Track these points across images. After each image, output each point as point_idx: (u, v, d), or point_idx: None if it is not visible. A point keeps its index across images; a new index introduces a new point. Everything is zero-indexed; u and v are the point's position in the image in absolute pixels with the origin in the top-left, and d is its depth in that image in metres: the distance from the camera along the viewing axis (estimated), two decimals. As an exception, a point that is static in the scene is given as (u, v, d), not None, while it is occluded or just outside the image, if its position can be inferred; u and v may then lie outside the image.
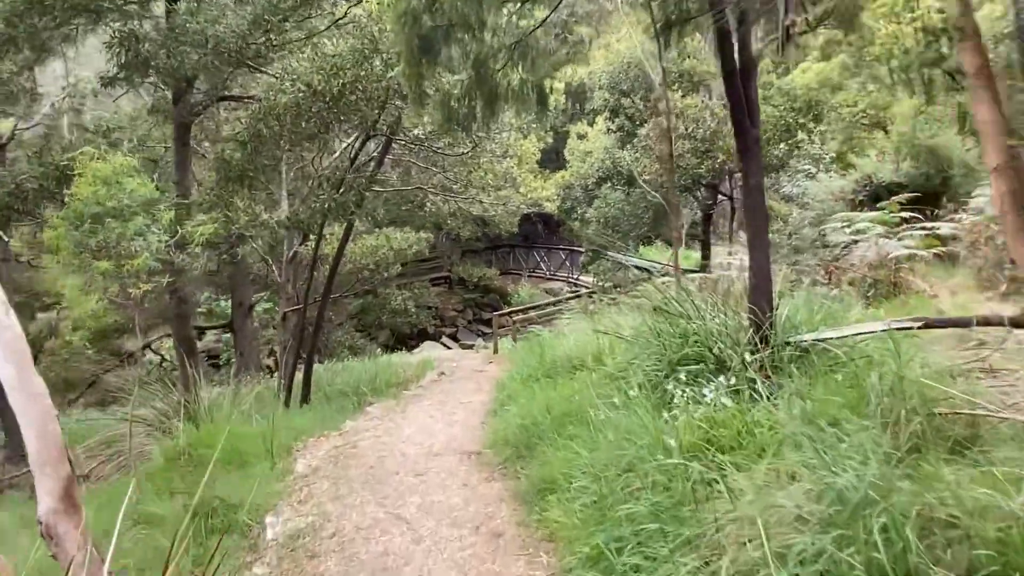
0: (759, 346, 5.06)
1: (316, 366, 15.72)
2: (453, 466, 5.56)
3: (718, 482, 3.36)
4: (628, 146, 17.58)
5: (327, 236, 12.33)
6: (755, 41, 5.39)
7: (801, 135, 15.11)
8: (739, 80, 5.27)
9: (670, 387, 4.60)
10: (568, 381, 6.85)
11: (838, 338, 4.97)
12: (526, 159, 13.23)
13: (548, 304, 21.47)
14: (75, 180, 7.31)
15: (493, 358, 16.67)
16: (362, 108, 7.75)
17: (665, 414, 4.40)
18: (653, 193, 16.04)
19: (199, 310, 23.71)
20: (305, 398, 9.93)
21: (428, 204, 15.91)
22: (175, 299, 10.26)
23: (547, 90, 5.64)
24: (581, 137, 23.00)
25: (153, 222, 6.79)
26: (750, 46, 5.35)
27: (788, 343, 5.16)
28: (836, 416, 3.51)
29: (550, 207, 14.52)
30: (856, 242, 9.11)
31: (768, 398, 4.37)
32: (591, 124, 27.36)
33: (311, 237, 15.11)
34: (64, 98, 14.11)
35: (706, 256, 20.12)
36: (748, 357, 4.93)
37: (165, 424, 8.08)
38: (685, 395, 4.46)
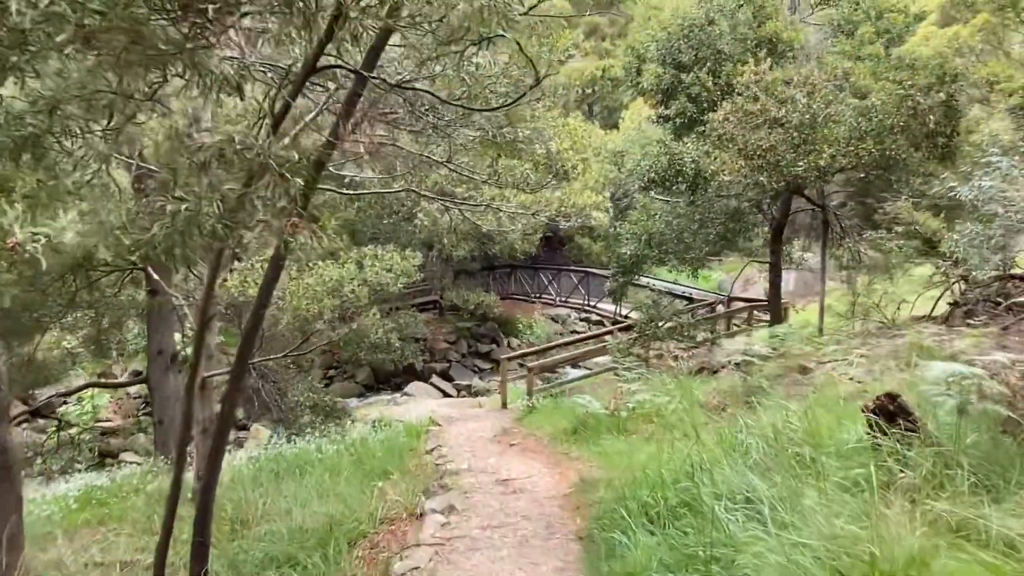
0: None
1: (247, 455, 10.94)
2: None
3: None
4: (690, 137, 13.04)
5: (252, 264, 7.70)
6: None
7: (975, 111, 10.66)
8: None
9: None
10: None
11: None
12: (577, 143, 8.65)
13: (572, 343, 16.87)
14: None
15: (509, 425, 12.04)
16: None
17: None
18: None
19: (131, 348, 18.86)
20: (195, 579, 5.18)
21: (420, 215, 11.34)
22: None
23: None
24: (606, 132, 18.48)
25: None
26: None
27: None
28: None
29: (599, 218, 10.14)
30: None
31: None
32: (609, 126, 22.95)
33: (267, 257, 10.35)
34: None
35: (775, 284, 15.58)
36: None
37: None
38: None
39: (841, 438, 5.17)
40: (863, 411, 5.05)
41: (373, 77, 4.58)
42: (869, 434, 4.81)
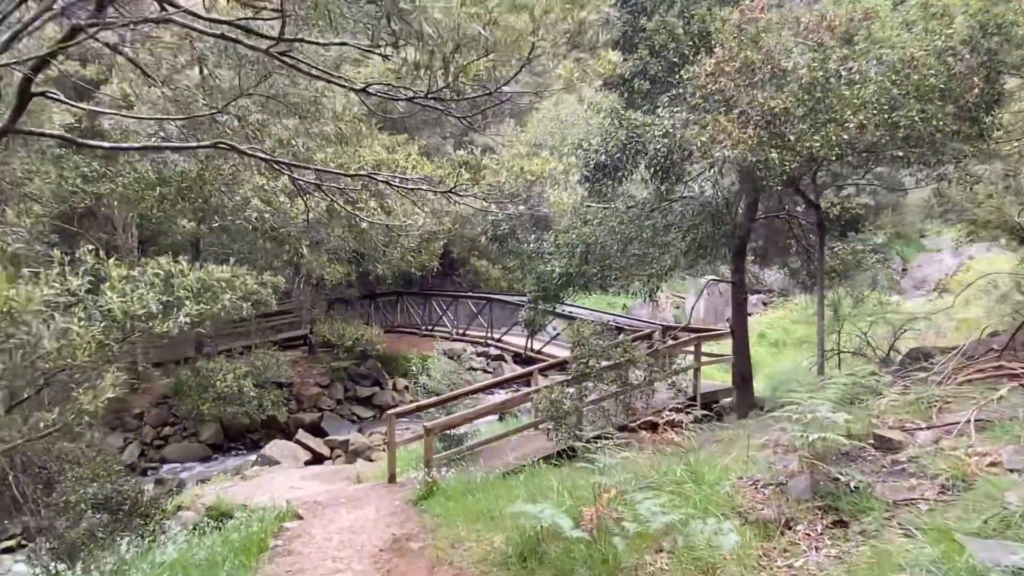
0: None
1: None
2: None
3: None
4: (661, 101, 9.36)
5: None
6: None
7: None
8: None
9: None
10: None
11: None
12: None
13: (483, 388, 12.69)
14: None
15: (403, 521, 7.79)
16: None
17: None
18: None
19: None
20: None
21: (254, 200, 7.02)
22: None
23: None
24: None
25: None
26: None
27: None
28: None
29: (558, 200, 6.22)
30: None
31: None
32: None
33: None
34: None
35: (741, 306, 12.18)
36: None
37: None
38: None
39: None
40: None
41: None
42: None
